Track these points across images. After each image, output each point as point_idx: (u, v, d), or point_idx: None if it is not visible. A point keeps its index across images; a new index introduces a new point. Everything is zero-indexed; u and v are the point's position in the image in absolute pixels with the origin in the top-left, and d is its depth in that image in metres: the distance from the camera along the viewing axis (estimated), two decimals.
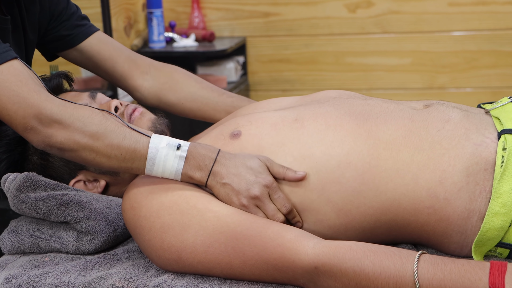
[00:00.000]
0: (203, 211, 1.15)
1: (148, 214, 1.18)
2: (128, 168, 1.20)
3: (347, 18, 3.09)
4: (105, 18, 2.60)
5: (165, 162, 1.18)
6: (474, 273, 1.02)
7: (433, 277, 1.03)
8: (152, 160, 1.18)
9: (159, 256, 1.18)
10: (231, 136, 1.26)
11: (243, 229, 1.13)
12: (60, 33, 1.57)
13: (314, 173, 1.19)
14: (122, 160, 1.19)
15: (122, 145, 1.18)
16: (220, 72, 3.01)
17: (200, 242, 1.14)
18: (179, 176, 1.19)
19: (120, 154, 1.18)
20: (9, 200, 1.31)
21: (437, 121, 1.21)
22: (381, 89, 3.14)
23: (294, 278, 1.11)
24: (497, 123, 1.21)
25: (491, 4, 2.97)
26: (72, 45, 1.58)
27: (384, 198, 1.17)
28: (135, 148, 1.18)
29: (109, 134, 1.18)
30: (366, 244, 1.09)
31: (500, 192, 1.12)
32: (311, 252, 1.09)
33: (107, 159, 1.19)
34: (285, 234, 1.11)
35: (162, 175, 1.20)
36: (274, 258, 1.11)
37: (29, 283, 1.19)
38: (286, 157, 1.21)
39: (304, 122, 1.25)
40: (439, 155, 1.17)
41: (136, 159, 1.19)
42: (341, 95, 1.39)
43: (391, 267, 1.05)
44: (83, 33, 1.58)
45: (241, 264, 1.13)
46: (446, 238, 1.18)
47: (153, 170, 1.19)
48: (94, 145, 1.18)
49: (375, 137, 1.20)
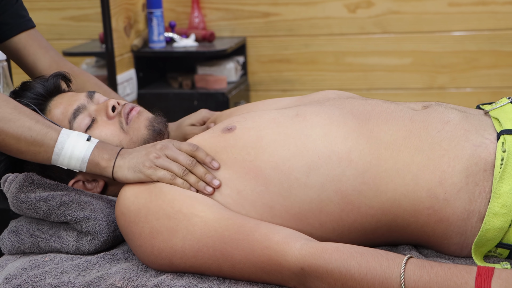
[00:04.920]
0: (189, 216, 1.15)
1: (137, 220, 1.18)
2: (35, 153, 1.23)
3: (347, 18, 3.09)
4: (105, 18, 2.60)
5: (74, 147, 1.24)
6: (461, 276, 1.01)
7: (419, 279, 1.02)
8: (61, 143, 1.24)
9: (152, 262, 1.18)
10: (223, 131, 1.25)
11: (231, 233, 1.13)
12: (2, 20, 1.58)
13: (314, 169, 1.18)
14: (31, 142, 1.22)
15: (34, 127, 1.23)
16: (220, 72, 3.01)
17: (188, 247, 1.14)
18: (85, 162, 1.24)
19: (30, 136, 1.22)
20: (9, 200, 1.31)
21: (437, 122, 1.21)
22: (381, 89, 3.14)
23: (283, 280, 1.11)
24: (496, 124, 1.20)
25: (491, 4, 2.97)
26: (6, 37, 1.60)
27: (384, 199, 1.17)
28: (46, 132, 1.23)
29: (21, 117, 1.23)
30: (354, 246, 1.09)
31: (500, 192, 1.12)
32: (297, 253, 1.08)
33: (16, 140, 1.22)
34: (272, 236, 1.11)
35: (68, 162, 1.25)
36: (262, 261, 1.10)
37: (28, 283, 1.19)
38: (289, 147, 1.20)
39: (306, 116, 1.24)
40: (439, 156, 1.16)
41: (46, 142, 1.23)
42: (340, 95, 1.39)
43: (378, 268, 1.04)
44: (20, 26, 1.60)
45: (230, 268, 1.13)
46: (446, 239, 1.17)
47: (61, 155, 1.24)
48: (4, 126, 1.22)
49: (377, 137, 1.20)
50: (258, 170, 1.19)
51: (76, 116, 1.36)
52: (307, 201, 1.18)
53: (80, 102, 1.38)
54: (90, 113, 1.38)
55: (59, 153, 1.24)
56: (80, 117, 1.36)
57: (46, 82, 1.43)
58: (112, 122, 1.37)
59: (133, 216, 1.19)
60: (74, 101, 1.38)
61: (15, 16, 1.59)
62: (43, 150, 1.23)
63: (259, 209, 1.18)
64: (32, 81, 1.44)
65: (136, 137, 1.36)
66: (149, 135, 1.37)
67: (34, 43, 1.61)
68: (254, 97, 3.22)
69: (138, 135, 1.36)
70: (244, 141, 1.22)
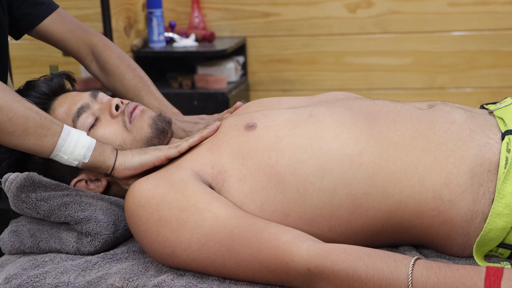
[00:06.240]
0: (202, 210, 1.15)
1: (147, 205, 1.18)
2: (41, 136, 1.24)
3: (347, 18, 3.09)
4: (105, 18, 2.60)
5: (79, 136, 1.27)
6: (469, 278, 1.00)
7: (427, 280, 1.02)
8: (68, 129, 1.27)
9: (154, 249, 1.18)
10: (246, 128, 1.26)
11: (240, 231, 1.13)
12: (23, 11, 1.60)
13: (328, 173, 1.18)
14: (39, 124, 1.23)
15: (41, 113, 1.25)
16: (220, 72, 3.01)
17: (195, 240, 1.14)
18: (91, 149, 1.27)
19: (38, 118, 1.23)
20: (10, 199, 1.31)
21: (443, 122, 1.21)
22: (381, 89, 3.14)
23: (287, 280, 1.11)
24: (501, 124, 1.20)
25: (491, 4, 2.97)
26: (31, 26, 1.62)
27: (391, 201, 1.16)
28: (52, 119, 1.26)
29: (29, 103, 1.25)
30: (361, 247, 1.09)
31: (504, 193, 1.12)
32: (304, 254, 1.08)
33: (24, 120, 1.22)
34: (281, 236, 1.11)
35: (72, 149, 1.26)
36: (268, 260, 1.10)
37: (28, 283, 1.19)
38: (306, 149, 1.20)
39: (319, 117, 1.24)
40: (445, 157, 1.16)
41: (53, 127, 1.25)
42: (348, 96, 1.39)
43: (385, 269, 1.04)
44: (41, 14, 1.62)
45: (234, 265, 1.13)
46: (449, 240, 1.17)
47: (67, 140, 1.25)
48: (14, 105, 1.22)
49: (385, 138, 1.19)
50: (279, 177, 1.19)
51: (80, 115, 1.36)
52: (320, 206, 1.18)
53: (84, 101, 1.38)
54: (93, 112, 1.38)
55: (66, 138, 1.25)
56: (83, 116, 1.36)
57: (51, 82, 1.43)
58: (115, 121, 1.37)
59: (144, 201, 1.18)
60: (78, 100, 1.39)
61: (34, 5, 1.61)
62: (49, 134, 1.24)
63: (276, 219, 1.19)
64: (36, 80, 1.45)
65: (140, 135, 1.36)
66: (152, 134, 1.37)
67: (59, 28, 1.63)
68: (254, 97, 3.22)
69: (141, 134, 1.36)
70: (265, 142, 1.22)
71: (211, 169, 1.23)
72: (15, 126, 1.22)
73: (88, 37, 1.65)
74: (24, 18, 1.60)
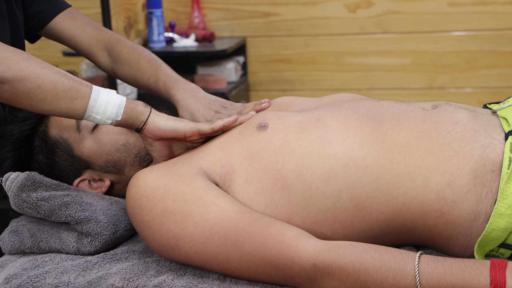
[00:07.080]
0: (208, 203, 1.15)
1: (151, 196, 1.17)
2: (72, 99, 1.21)
3: (347, 18, 3.09)
4: (105, 18, 2.60)
5: (109, 94, 1.24)
6: (475, 268, 1.03)
7: (433, 270, 1.03)
8: (97, 90, 1.23)
9: (155, 240, 1.17)
10: (258, 127, 1.26)
11: (245, 225, 1.12)
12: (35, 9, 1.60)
13: (333, 177, 1.18)
14: (68, 88, 1.21)
15: (68, 76, 1.22)
16: (220, 72, 3.01)
17: (200, 233, 1.14)
18: (122, 107, 1.24)
19: (67, 82, 1.21)
20: (10, 199, 1.31)
21: (447, 122, 1.20)
22: (381, 89, 3.14)
23: (290, 276, 1.11)
24: (504, 124, 1.20)
25: (491, 4, 2.97)
26: (43, 24, 1.62)
27: (395, 203, 1.17)
28: (80, 81, 1.23)
29: (55, 69, 1.23)
30: (366, 244, 1.10)
31: (507, 193, 1.12)
32: (311, 249, 1.08)
33: (53, 85, 1.20)
34: (286, 232, 1.11)
35: (104, 108, 1.22)
36: (273, 255, 1.10)
37: (28, 283, 1.19)
38: (312, 153, 1.20)
39: (326, 121, 1.24)
40: (449, 158, 1.16)
41: (83, 88, 1.22)
42: (353, 98, 1.39)
43: (392, 260, 1.05)
44: (52, 11, 1.62)
45: (238, 259, 1.12)
46: (452, 240, 1.17)
47: (98, 100, 1.22)
48: (41, 72, 1.20)
49: (390, 140, 1.19)
50: (284, 181, 1.19)
51: None
52: (323, 210, 1.18)
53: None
54: None
55: (96, 99, 1.22)
56: None
57: None
58: None
59: (148, 191, 1.18)
60: None
61: (46, 2, 1.61)
62: (80, 96, 1.21)
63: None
64: None
65: None
66: None
67: (70, 26, 1.63)
68: (254, 97, 3.22)
69: None
70: (274, 145, 1.22)
71: (220, 169, 1.23)
72: (45, 93, 1.20)
73: (100, 34, 1.64)
74: (36, 16, 1.60)
